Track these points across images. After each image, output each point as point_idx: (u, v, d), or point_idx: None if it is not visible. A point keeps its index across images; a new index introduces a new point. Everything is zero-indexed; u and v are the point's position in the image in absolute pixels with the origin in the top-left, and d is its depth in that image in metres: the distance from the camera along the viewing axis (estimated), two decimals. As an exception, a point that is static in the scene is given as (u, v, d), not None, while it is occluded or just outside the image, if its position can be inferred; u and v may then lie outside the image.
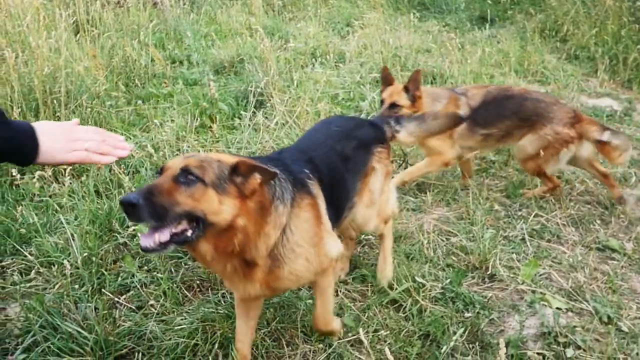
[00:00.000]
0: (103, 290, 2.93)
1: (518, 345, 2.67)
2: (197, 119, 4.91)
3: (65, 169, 3.84)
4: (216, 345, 2.63)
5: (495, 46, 7.24)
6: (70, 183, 3.76)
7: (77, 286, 3.01)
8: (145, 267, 3.18)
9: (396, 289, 3.01)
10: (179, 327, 2.74)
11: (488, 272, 3.27)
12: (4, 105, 4.54)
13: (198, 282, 3.11)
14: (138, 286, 3.04)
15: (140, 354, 2.61)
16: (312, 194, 2.31)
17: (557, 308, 2.97)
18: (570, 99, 5.92)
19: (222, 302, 2.94)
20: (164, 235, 1.79)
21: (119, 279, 3.10)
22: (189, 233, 1.84)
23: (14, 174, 3.92)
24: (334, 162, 2.57)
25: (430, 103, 4.04)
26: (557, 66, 6.79)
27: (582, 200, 4.10)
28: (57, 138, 1.63)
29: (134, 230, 3.33)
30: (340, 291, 3.13)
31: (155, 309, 2.88)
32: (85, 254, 3.09)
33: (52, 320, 2.69)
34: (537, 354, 2.66)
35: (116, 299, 2.96)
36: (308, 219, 2.25)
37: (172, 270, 3.15)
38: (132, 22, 7.47)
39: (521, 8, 9.52)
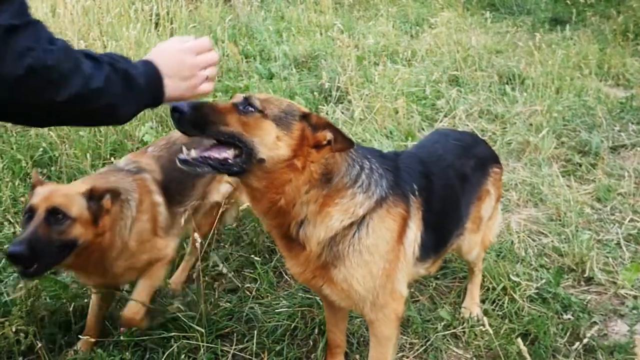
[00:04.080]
0: (204, 270, 2.99)
1: (627, 350, 2.57)
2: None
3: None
4: (316, 330, 2.66)
5: (572, 48, 7.02)
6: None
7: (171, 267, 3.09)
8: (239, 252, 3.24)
9: (494, 288, 2.96)
10: (277, 310, 2.77)
11: (585, 275, 3.17)
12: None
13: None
14: (231, 270, 3.10)
15: (241, 334, 2.66)
16: (408, 208, 2.06)
17: (664, 315, 2.85)
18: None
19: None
20: (202, 154, 1.73)
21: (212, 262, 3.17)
22: (231, 160, 1.73)
23: (107, 157, 4.08)
24: (451, 181, 2.34)
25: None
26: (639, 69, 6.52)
27: (679, 208, 3.92)
28: (179, 77, 1.63)
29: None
30: (432, 286, 3.10)
31: (251, 293, 2.93)
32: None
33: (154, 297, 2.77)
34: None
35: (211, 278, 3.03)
36: (393, 230, 2.00)
37: (267, 255, 3.19)
38: (206, 18, 7.67)
39: (595, 10, 9.21)
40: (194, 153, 1.72)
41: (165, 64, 1.60)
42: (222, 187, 2.97)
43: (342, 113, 5.06)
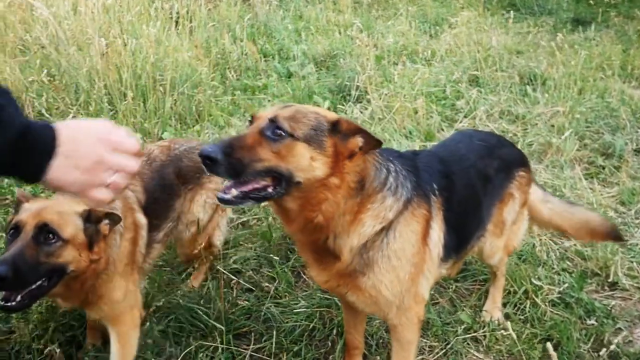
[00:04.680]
0: (220, 268, 2.98)
1: (653, 358, 2.51)
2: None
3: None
4: (334, 331, 2.63)
5: (595, 49, 6.90)
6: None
7: (190, 268, 3.09)
8: (258, 251, 3.22)
9: (515, 291, 2.91)
10: (295, 310, 2.75)
11: (609, 280, 3.10)
12: (115, 90, 4.74)
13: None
14: (249, 269, 3.09)
15: (259, 334, 2.64)
16: (430, 208, 2.04)
17: (691, 323, 2.78)
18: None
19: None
20: (242, 189, 1.68)
21: (232, 261, 3.15)
22: (270, 189, 1.69)
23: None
24: (472, 181, 2.29)
25: None
26: (664, 71, 6.38)
27: None
28: (76, 164, 1.20)
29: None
30: (452, 289, 3.05)
31: (269, 292, 2.91)
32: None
33: (171, 294, 2.77)
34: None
35: (231, 276, 3.00)
36: (417, 232, 1.98)
37: (286, 254, 3.17)
38: (224, 16, 7.69)
39: (619, 11, 9.07)
40: (234, 191, 1.67)
41: (70, 142, 1.20)
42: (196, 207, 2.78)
43: (361, 112, 5.04)
